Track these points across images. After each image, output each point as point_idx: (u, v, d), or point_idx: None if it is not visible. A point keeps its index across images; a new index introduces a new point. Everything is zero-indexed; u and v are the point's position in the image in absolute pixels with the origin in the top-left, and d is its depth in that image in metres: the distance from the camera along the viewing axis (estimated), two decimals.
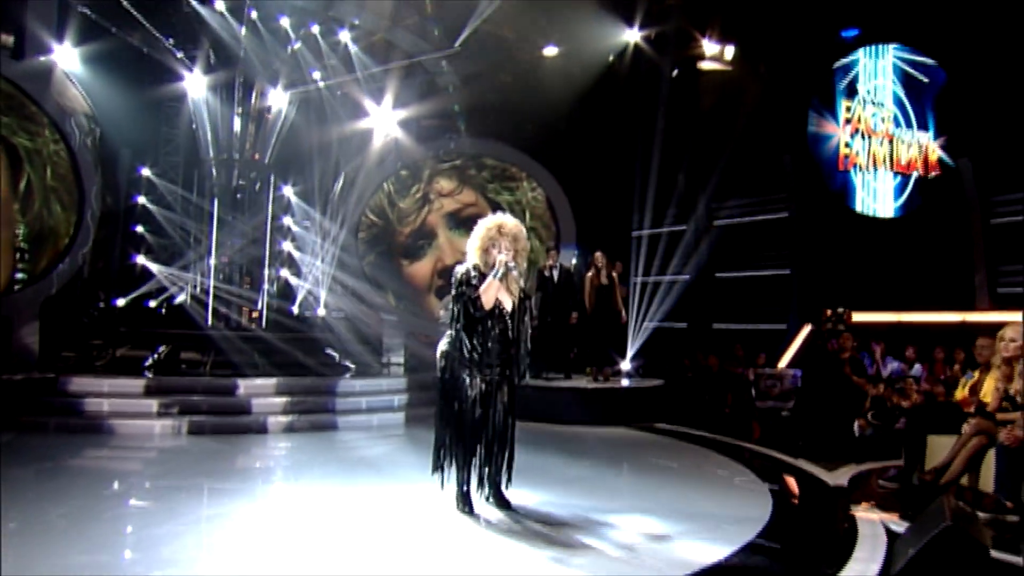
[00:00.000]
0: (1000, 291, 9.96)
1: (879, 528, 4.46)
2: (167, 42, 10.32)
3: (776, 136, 11.25)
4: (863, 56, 10.92)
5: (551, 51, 11.57)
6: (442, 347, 4.63)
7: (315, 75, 11.56)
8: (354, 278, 12.42)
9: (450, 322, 4.56)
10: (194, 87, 10.90)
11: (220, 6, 10.35)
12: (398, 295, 12.89)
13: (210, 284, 10.34)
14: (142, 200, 12.46)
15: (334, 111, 11.94)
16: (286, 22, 10.80)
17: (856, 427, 7.51)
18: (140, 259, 12.08)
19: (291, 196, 12.99)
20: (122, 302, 10.89)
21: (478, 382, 4.52)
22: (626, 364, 11.00)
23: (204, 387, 7.84)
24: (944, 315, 9.87)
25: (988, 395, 5.14)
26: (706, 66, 11.23)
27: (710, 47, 11.09)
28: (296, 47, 10.65)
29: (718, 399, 10.26)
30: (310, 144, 12.20)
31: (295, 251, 12.91)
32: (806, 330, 11.15)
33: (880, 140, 10.82)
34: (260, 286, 11.16)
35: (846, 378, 8.22)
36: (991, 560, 3.48)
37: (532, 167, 12.90)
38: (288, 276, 12.75)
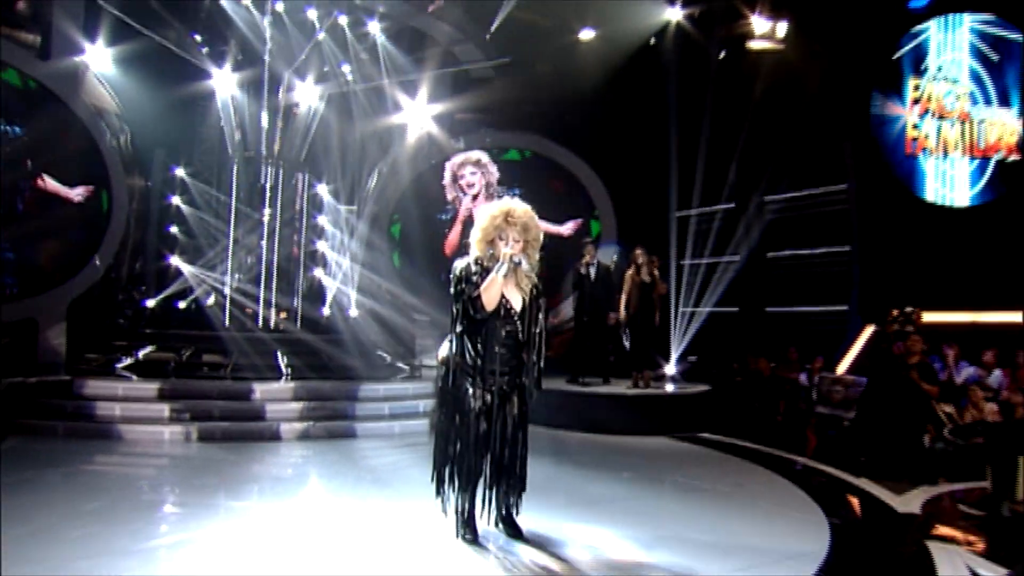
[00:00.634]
0: None
1: (962, 570, 3.72)
2: (192, 37, 10.11)
3: (834, 121, 10.32)
4: (934, 28, 9.86)
5: (587, 34, 10.90)
6: (442, 352, 4.10)
7: (344, 68, 11.21)
8: (385, 278, 12.02)
9: (450, 324, 4.01)
10: (222, 84, 10.69)
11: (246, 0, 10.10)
12: (430, 295, 12.45)
13: (227, 284, 10.08)
14: (176, 200, 12.40)
15: (365, 106, 11.58)
16: (312, 14, 10.48)
17: (927, 441, 6.67)
18: (174, 260, 11.99)
19: (324, 195, 12.71)
20: (152, 303, 10.76)
21: (482, 392, 3.97)
22: (671, 368, 10.28)
23: (219, 391, 7.52)
24: None
25: None
26: (756, 46, 10.36)
27: (760, 24, 10.21)
28: (321, 36, 10.28)
29: (769, 407, 9.47)
30: (342, 140, 11.87)
31: (328, 251, 12.62)
32: (868, 331, 10.21)
33: (953, 121, 9.77)
34: (290, 286, 10.86)
35: (914, 386, 7.34)
36: None
37: (569, 159, 12.21)
38: (321, 276, 12.47)
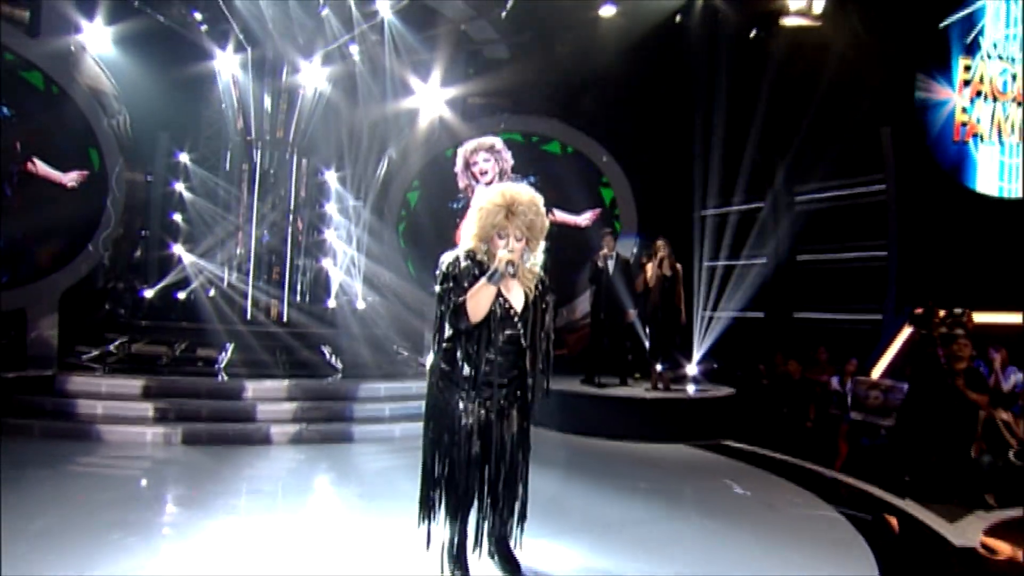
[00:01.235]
0: None
1: None
2: (192, 15, 9.62)
3: (872, 105, 9.56)
4: (988, 1, 9.03)
5: (608, 10, 10.21)
6: (430, 359, 3.54)
7: (353, 49, 10.67)
8: (393, 269, 11.50)
9: (434, 328, 3.43)
10: (224, 65, 10.20)
11: None
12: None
13: (224, 275, 9.64)
14: (179, 187, 11.99)
15: (373, 89, 11.02)
16: None
17: (974, 454, 6.01)
18: (176, 248, 11.58)
19: (332, 182, 12.20)
20: (150, 293, 10.36)
21: (476, 407, 3.40)
22: (692, 368, 9.66)
23: (209, 389, 7.06)
24: None
25: None
26: (790, 23, 9.61)
27: (795, 0, 9.48)
28: (324, 13, 9.73)
29: (799, 412, 8.83)
30: (349, 125, 11.34)
31: (335, 240, 12.13)
32: (907, 331, 9.49)
33: (1008, 104, 8.96)
34: (292, 277, 10.38)
35: (961, 394, 6.66)
36: None
37: (588, 145, 11.54)
38: (327, 267, 11.99)
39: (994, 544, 4.43)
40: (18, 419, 6.31)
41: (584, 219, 11.86)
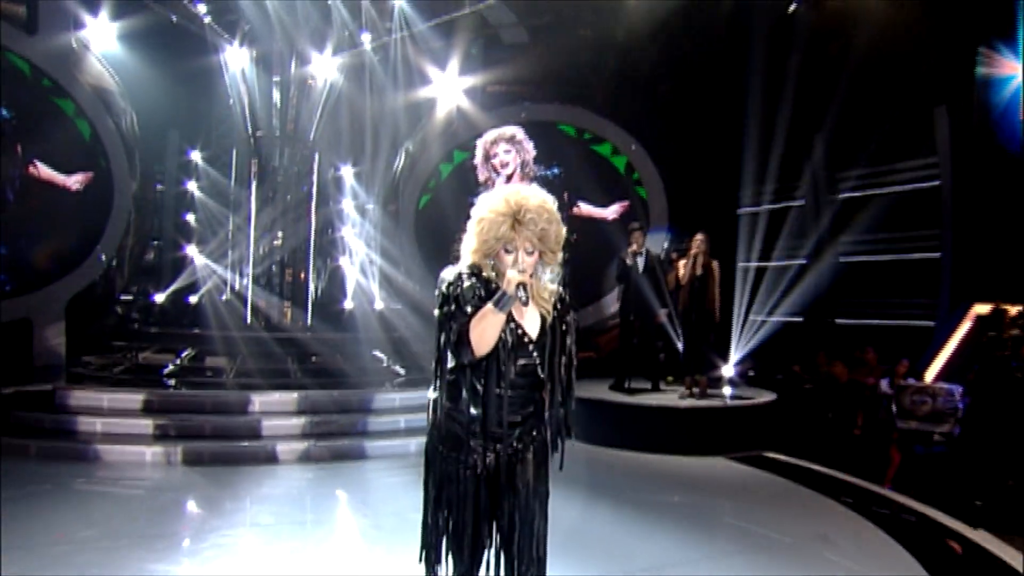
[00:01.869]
0: None
1: None
2: (195, 7, 9.21)
3: (924, 82, 8.79)
4: None
5: None
6: (431, 392, 3.03)
7: (364, 37, 10.19)
8: (409, 269, 11.04)
9: (435, 357, 2.91)
10: (231, 59, 9.80)
11: None
12: None
13: (235, 279, 9.28)
14: (191, 186, 11.67)
15: (386, 79, 10.53)
16: None
17: None
18: (190, 250, 11.27)
19: (348, 178, 11.76)
20: (160, 298, 10.05)
21: (484, 451, 2.89)
22: (729, 370, 9.04)
23: (213, 403, 6.67)
24: None
25: None
26: None
27: None
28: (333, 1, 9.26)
29: (846, 419, 8.19)
30: (362, 118, 10.88)
31: (351, 240, 11.70)
32: (963, 329, 8.77)
33: None
34: (304, 280, 10.00)
35: None
36: None
37: (615, 133, 10.89)
38: (343, 268, 11.58)
39: None
40: (14, 438, 5.98)
41: (611, 212, 11.29)
